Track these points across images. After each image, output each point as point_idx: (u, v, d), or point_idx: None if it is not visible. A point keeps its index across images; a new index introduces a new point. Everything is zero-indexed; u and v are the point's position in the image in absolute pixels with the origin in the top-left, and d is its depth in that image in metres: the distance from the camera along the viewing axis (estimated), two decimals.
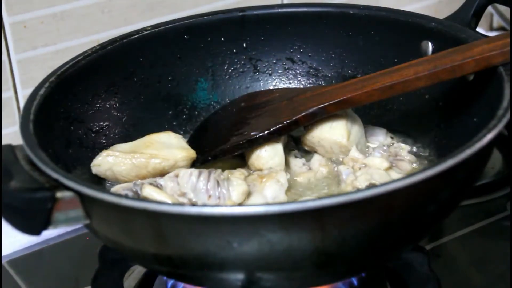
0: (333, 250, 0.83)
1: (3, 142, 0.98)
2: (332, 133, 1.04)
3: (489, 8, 1.31)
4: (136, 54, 1.11)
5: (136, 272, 1.06)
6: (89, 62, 1.07)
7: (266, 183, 0.98)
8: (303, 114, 1.03)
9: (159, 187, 0.98)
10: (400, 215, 0.85)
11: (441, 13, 1.15)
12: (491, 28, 1.61)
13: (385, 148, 1.06)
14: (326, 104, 1.03)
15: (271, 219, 0.80)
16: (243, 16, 1.17)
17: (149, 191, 0.97)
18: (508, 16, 1.50)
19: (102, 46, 1.09)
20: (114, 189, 1.01)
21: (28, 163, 0.89)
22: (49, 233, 1.17)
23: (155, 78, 1.14)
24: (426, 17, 1.09)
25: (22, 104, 1.23)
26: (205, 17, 1.16)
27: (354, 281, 0.99)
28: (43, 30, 1.22)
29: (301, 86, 1.18)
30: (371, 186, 0.96)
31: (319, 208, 0.79)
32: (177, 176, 0.97)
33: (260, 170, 1.02)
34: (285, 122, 1.03)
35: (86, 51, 1.08)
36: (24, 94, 1.23)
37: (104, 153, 1.03)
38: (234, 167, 1.04)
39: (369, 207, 0.81)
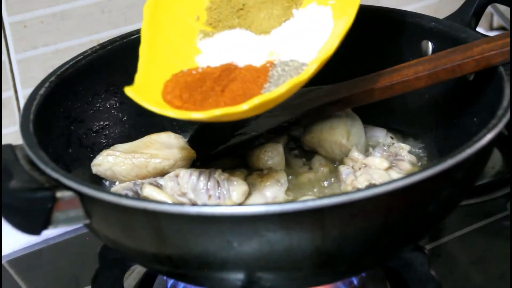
0: (333, 250, 0.83)
1: (3, 142, 0.98)
2: (332, 133, 1.05)
3: (489, 8, 1.31)
4: (136, 54, 1.11)
5: (136, 272, 1.06)
6: (89, 62, 1.07)
7: (266, 183, 0.99)
8: (303, 114, 1.03)
9: (159, 187, 0.98)
10: (400, 215, 0.85)
11: (441, 13, 1.15)
12: (491, 28, 1.61)
13: (385, 148, 1.06)
14: (326, 104, 1.03)
15: (271, 219, 0.80)
16: None
17: (149, 191, 0.97)
18: (508, 16, 1.50)
19: (102, 46, 1.09)
20: (114, 189, 1.01)
21: (28, 163, 0.89)
22: (49, 233, 1.17)
23: None
24: (426, 17, 1.09)
25: (22, 104, 1.23)
26: None
27: (354, 281, 0.99)
28: (43, 30, 1.22)
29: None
30: (371, 186, 0.96)
31: (319, 208, 0.79)
32: (177, 176, 0.98)
33: (260, 170, 1.02)
34: (285, 122, 1.03)
35: (86, 51, 1.08)
36: (24, 94, 1.23)
37: (104, 152, 1.03)
38: (234, 167, 1.04)
39: (369, 207, 0.82)
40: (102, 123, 1.09)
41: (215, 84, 0.94)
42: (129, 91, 0.91)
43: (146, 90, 0.94)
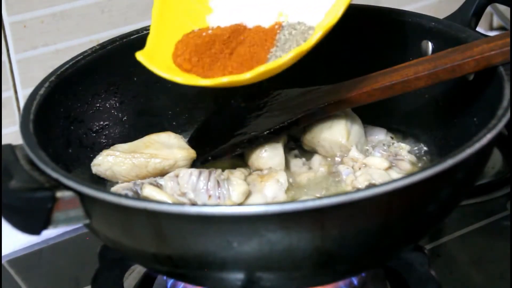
0: (333, 250, 0.83)
1: (3, 142, 0.98)
2: (332, 133, 1.05)
3: (489, 8, 1.31)
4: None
5: (136, 272, 1.06)
6: (89, 62, 1.07)
7: (266, 183, 0.99)
8: (303, 114, 1.03)
9: (159, 187, 0.98)
10: (400, 215, 0.85)
11: (441, 13, 1.15)
12: (491, 28, 1.61)
13: (385, 148, 1.06)
14: (326, 104, 1.03)
15: (271, 219, 0.80)
16: None
17: (149, 191, 0.97)
18: (508, 15, 1.50)
19: (102, 46, 1.09)
20: (114, 189, 1.01)
21: (28, 163, 0.89)
22: (49, 233, 1.17)
23: (155, 77, 1.14)
24: (426, 17, 1.09)
25: (22, 104, 1.23)
26: None
27: (354, 281, 0.99)
28: (43, 29, 1.22)
29: (301, 87, 1.18)
30: (371, 186, 0.96)
31: (319, 208, 0.79)
32: (177, 176, 0.98)
33: (260, 170, 1.02)
34: (285, 122, 1.03)
35: (86, 51, 1.08)
36: (24, 94, 1.23)
37: (104, 152, 1.03)
38: (234, 167, 1.04)
39: (369, 207, 0.81)
40: (102, 123, 1.09)
41: (224, 46, 0.98)
42: (139, 55, 0.95)
43: (157, 53, 0.97)
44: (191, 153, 1.04)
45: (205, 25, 1.03)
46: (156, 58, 0.97)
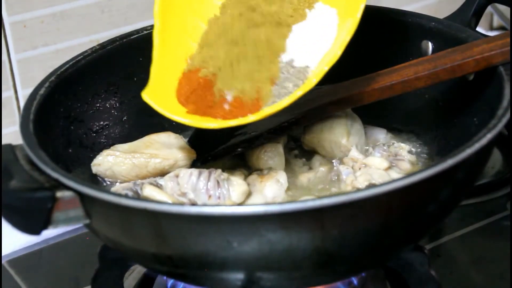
0: (333, 250, 0.83)
1: (3, 142, 0.98)
2: (332, 133, 1.05)
3: (489, 8, 1.31)
4: (136, 54, 1.11)
5: (136, 272, 1.06)
6: (89, 62, 1.07)
7: (266, 183, 0.99)
8: (303, 114, 1.03)
9: (159, 187, 0.98)
10: (400, 215, 0.85)
11: (441, 13, 1.15)
12: (491, 28, 1.61)
13: (385, 148, 1.06)
14: (326, 104, 1.03)
15: (271, 219, 0.80)
16: None
17: (149, 191, 0.97)
18: (508, 15, 1.50)
19: (102, 46, 1.09)
20: (114, 189, 1.01)
21: (28, 163, 0.89)
22: (49, 233, 1.17)
23: None
24: (426, 17, 1.09)
25: (22, 104, 1.23)
26: None
27: (354, 281, 0.99)
28: (43, 29, 1.22)
29: None
30: (371, 186, 0.96)
31: (319, 208, 0.79)
32: (177, 176, 0.98)
33: (260, 170, 1.02)
34: (285, 122, 1.03)
35: (86, 51, 1.08)
36: (24, 94, 1.23)
37: (105, 152, 1.03)
38: (234, 167, 1.04)
39: (369, 207, 0.82)
40: (102, 123, 1.09)
41: None
42: (145, 96, 0.95)
43: (161, 86, 0.98)
44: (191, 153, 1.04)
45: None
46: (161, 92, 0.98)
